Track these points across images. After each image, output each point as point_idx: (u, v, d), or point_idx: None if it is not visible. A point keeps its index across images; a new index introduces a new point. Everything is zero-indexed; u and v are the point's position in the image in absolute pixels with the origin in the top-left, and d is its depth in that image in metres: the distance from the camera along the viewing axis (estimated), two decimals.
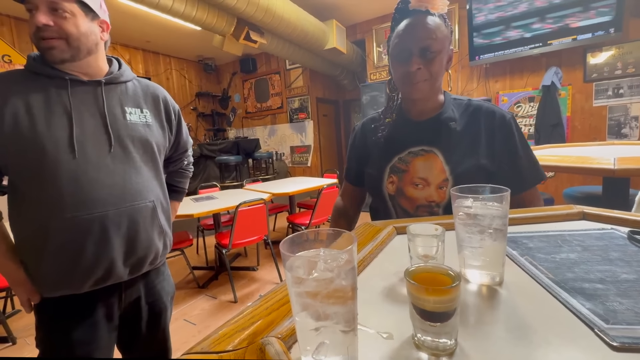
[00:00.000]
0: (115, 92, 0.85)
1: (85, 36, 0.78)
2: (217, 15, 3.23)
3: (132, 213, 0.81)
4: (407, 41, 0.77)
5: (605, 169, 1.15)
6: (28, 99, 0.73)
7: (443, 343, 0.32)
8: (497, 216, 0.44)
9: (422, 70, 0.77)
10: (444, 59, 0.78)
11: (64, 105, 0.76)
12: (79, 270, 0.76)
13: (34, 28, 0.72)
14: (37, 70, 0.77)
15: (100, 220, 0.76)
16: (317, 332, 0.30)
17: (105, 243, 0.77)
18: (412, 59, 0.76)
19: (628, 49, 3.22)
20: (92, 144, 0.77)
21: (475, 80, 4.08)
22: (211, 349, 0.35)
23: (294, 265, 0.31)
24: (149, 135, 0.88)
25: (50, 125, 0.74)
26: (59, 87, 0.77)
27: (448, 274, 0.34)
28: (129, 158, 0.83)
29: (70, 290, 0.77)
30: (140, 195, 0.83)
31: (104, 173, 0.78)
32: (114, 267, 0.79)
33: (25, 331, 2.03)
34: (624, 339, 0.31)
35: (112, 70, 0.86)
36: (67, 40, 0.75)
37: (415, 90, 0.80)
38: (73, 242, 0.74)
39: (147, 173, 0.87)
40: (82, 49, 0.78)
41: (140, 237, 0.83)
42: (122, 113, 0.84)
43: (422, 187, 0.83)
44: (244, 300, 2.32)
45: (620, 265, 0.46)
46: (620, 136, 3.36)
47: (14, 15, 3.94)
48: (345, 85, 5.95)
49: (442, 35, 0.76)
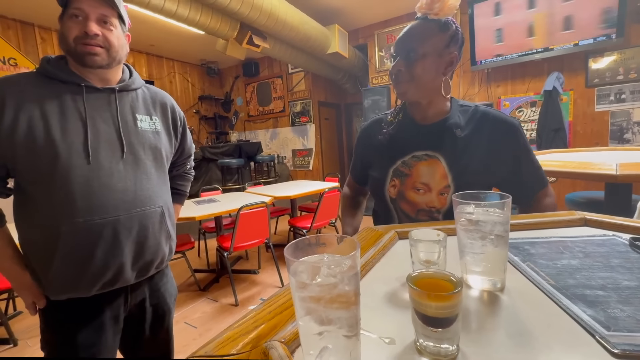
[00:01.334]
0: (127, 100, 0.87)
1: (122, 47, 0.84)
2: (220, 19, 3.26)
3: (142, 218, 0.82)
4: (398, 44, 0.81)
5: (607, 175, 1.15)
6: (43, 104, 0.75)
7: (445, 349, 0.32)
8: (499, 222, 0.44)
9: (403, 72, 0.80)
10: (429, 62, 0.78)
11: (79, 111, 0.78)
12: (89, 274, 0.76)
13: (81, 33, 0.76)
14: (51, 75, 0.78)
15: (113, 225, 0.77)
16: (321, 336, 0.31)
17: (116, 247, 0.78)
18: (397, 60, 0.81)
19: (630, 54, 3.23)
20: (105, 150, 0.79)
21: (477, 84, 4.09)
22: (215, 352, 0.35)
23: (298, 270, 0.32)
24: (158, 142, 0.90)
25: (64, 131, 0.75)
26: (73, 92, 0.79)
27: (450, 280, 0.34)
28: (140, 164, 0.84)
29: (78, 294, 0.78)
30: (150, 201, 0.85)
31: (116, 179, 0.79)
32: (123, 271, 0.80)
33: (26, 333, 2.03)
34: (625, 346, 0.31)
35: (124, 77, 0.89)
36: (109, 50, 0.80)
37: (399, 92, 0.83)
38: (84, 246, 0.75)
39: (156, 179, 0.88)
40: (117, 59, 0.83)
41: (149, 242, 0.85)
42: (133, 120, 0.86)
43: (423, 192, 0.84)
44: (245, 303, 2.32)
45: (621, 272, 0.46)
46: (622, 141, 3.36)
47: (20, 19, 3.99)
48: (347, 89, 5.97)
49: (428, 38, 0.77)
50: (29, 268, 0.79)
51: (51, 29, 4.27)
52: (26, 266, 0.80)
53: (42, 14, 3.88)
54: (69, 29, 0.76)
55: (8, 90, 0.73)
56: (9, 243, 0.80)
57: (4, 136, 0.71)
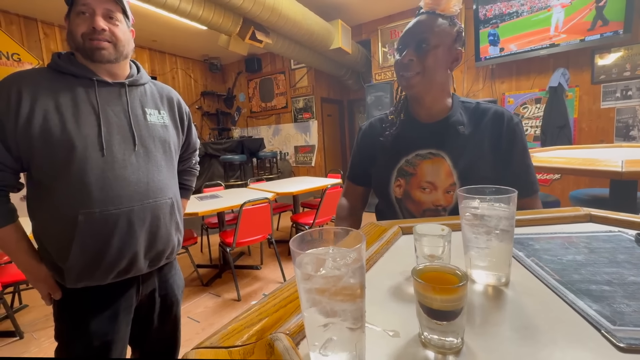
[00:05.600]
0: (136, 94, 0.89)
1: (128, 42, 0.85)
2: (223, 14, 3.25)
3: (154, 209, 0.85)
4: (406, 35, 0.80)
5: (612, 172, 1.14)
6: (57, 97, 0.77)
7: (450, 342, 0.32)
8: (504, 217, 0.44)
9: (414, 62, 0.78)
10: (441, 54, 0.78)
11: (92, 104, 0.80)
12: (105, 262, 0.79)
13: (88, 29, 0.78)
14: (63, 70, 0.80)
15: (127, 215, 0.80)
16: (325, 328, 0.31)
17: (130, 237, 0.81)
18: (407, 50, 0.79)
19: (637, 50, 3.19)
20: (118, 142, 0.81)
21: (481, 81, 4.06)
22: (220, 344, 0.35)
23: (303, 262, 0.32)
24: (166, 135, 0.92)
25: (79, 124, 0.77)
26: (86, 86, 0.81)
27: (455, 274, 0.34)
28: (151, 157, 0.86)
29: (94, 282, 0.80)
30: (161, 192, 0.87)
31: (129, 170, 0.81)
32: (136, 260, 0.83)
33: (32, 326, 2.06)
34: (630, 340, 0.31)
35: (132, 73, 0.91)
36: (116, 44, 0.82)
37: (408, 85, 0.81)
38: (100, 235, 0.77)
39: (166, 171, 0.90)
40: (123, 53, 0.85)
41: (161, 232, 0.87)
42: (143, 114, 0.88)
43: (429, 191, 0.83)
44: (247, 298, 2.33)
45: (627, 268, 0.45)
46: (628, 138, 3.33)
47: (23, 14, 3.99)
48: (350, 86, 5.95)
49: (440, 31, 0.77)
50: (44, 260, 0.81)
51: (54, 24, 4.27)
52: (41, 258, 0.81)
53: (45, 8, 3.87)
54: (77, 25, 0.78)
55: (24, 83, 0.75)
56: (23, 237, 0.82)
57: (22, 128, 0.73)
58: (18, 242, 0.80)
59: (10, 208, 0.80)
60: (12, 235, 0.80)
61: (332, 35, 4.29)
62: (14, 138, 0.74)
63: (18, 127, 0.73)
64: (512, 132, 0.81)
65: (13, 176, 0.79)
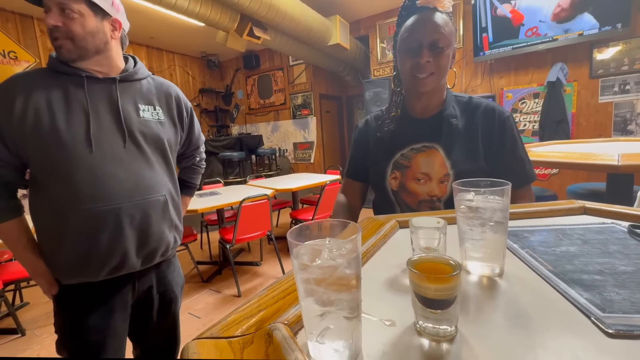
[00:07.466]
0: (130, 90, 0.88)
1: (92, 35, 0.79)
2: (220, 11, 3.23)
3: (144, 206, 0.84)
4: (418, 35, 0.78)
5: (609, 165, 1.15)
6: (49, 96, 0.77)
7: (444, 329, 0.33)
8: (498, 209, 0.45)
9: (430, 63, 0.78)
10: (449, 54, 0.80)
11: (81, 101, 0.79)
12: (95, 259, 0.79)
13: (48, 29, 0.77)
14: (57, 69, 0.80)
15: (115, 212, 0.79)
16: (322, 317, 0.31)
17: (119, 234, 0.80)
18: (423, 51, 0.78)
19: (635, 44, 3.18)
20: (108, 139, 0.81)
21: (480, 76, 4.06)
22: (221, 334, 0.36)
23: (300, 253, 0.33)
24: (161, 132, 0.90)
25: (69, 121, 0.77)
26: (76, 84, 0.80)
27: (449, 264, 0.35)
28: (142, 153, 0.86)
29: (86, 278, 0.81)
30: (152, 189, 0.86)
31: (118, 167, 0.81)
32: (127, 258, 0.83)
33: (33, 323, 2.08)
34: (619, 327, 0.32)
35: (127, 68, 0.89)
36: (73, 40, 0.78)
37: (422, 84, 0.81)
38: (90, 232, 0.78)
39: (159, 168, 0.89)
40: (89, 48, 0.80)
41: (152, 230, 0.86)
42: (135, 110, 0.86)
43: (424, 182, 0.85)
44: (247, 294, 2.35)
45: (619, 258, 0.46)
46: (626, 133, 3.33)
47: (19, 11, 3.96)
48: (348, 82, 5.93)
49: (449, 31, 0.78)
50: (42, 255, 0.82)
51: None
52: (40, 253, 0.82)
53: None
54: (46, 25, 0.78)
55: (20, 83, 0.76)
56: (24, 232, 0.82)
57: (16, 126, 0.74)
58: (19, 238, 0.81)
59: (11, 204, 0.81)
60: (14, 230, 0.81)
61: (330, 31, 4.28)
62: (10, 136, 0.75)
63: (13, 125, 0.74)
64: (503, 124, 0.83)
65: (15, 173, 0.80)
